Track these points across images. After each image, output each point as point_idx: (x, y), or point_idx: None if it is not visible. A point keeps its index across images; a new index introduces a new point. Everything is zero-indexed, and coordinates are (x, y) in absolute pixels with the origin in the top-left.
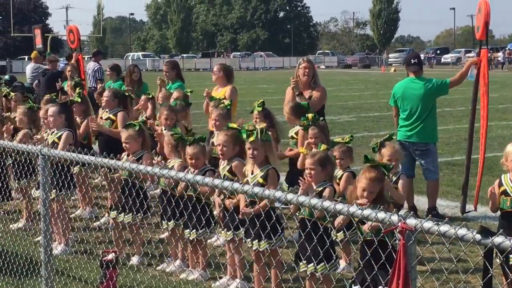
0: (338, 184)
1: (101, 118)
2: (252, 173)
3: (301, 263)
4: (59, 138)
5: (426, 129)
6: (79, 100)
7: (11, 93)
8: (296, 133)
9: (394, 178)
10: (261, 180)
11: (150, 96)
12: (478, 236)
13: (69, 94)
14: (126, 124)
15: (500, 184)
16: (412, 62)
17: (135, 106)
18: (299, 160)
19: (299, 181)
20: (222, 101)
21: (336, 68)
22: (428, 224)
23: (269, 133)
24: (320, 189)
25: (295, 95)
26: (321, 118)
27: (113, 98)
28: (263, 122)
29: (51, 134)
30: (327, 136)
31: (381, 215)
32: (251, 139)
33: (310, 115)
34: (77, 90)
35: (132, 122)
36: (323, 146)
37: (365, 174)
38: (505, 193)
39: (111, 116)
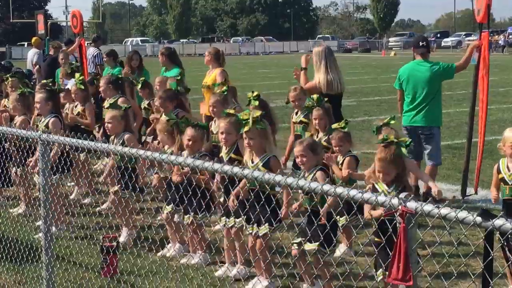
0: (341, 170)
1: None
2: (252, 162)
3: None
4: (47, 125)
5: (430, 113)
6: (82, 87)
7: (9, 78)
8: (305, 117)
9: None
10: (262, 169)
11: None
12: (479, 219)
13: (60, 81)
14: (110, 104)
15: (498, 171)
16: (421, 44)
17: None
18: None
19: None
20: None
21: (336, 52)
22: (428, 207)
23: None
24: (311, 175)
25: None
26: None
27: (108, 86)
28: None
29: (39, 122)
30: (331, 119)
31: (381, 198)
32: (246, 128)
33: (315, 96)
34: (78, 76)
35: (117, 104)
36: (307, 134)
37: (377, 155)
38: (503, 180)
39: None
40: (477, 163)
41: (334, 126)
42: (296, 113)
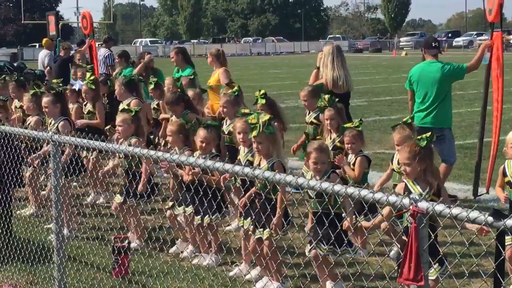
0: (353, 170)
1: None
2: (259, 165)
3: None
4: (57, 128)
5: (441, 114)
6: (93, 87)
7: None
8: (316, 118)
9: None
10: None
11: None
12: (490, 219)
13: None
14: (122, 109)
15: (504, 174)
16: (433, 45)
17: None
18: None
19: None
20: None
21: (347, 52)
22: (439, 207)
23: (275, 124)
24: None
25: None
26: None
27: (121, 88)
28: (268, 113)
29: (50, 125)
30: (344, 119)
31: (393, 198)
32: (254, 133)
33: (326, 97)
34: (89, 76)
35: (128, 108)
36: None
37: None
38: (509, 183)
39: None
40: (490, 163)
41: (347, 125)
42: (308, 113)
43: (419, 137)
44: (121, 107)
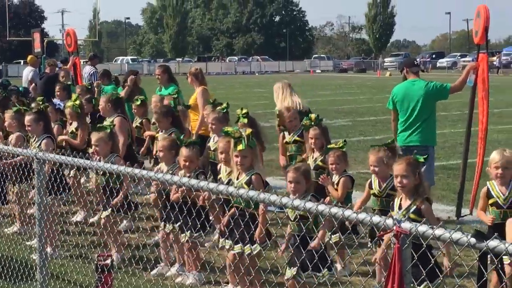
0: (336, 190)
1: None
2: (237, 179)
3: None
4: (39, 146)
5: (426, 132)
6: (79, 111)
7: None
8: (299, 136)
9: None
10: (245, 186)
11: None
12: (473, 240)
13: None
14: (98, 127)
15: (489, 196)
16: (415, 63)
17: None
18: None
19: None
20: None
21: (331, 72)
22: (422, 228)
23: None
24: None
25: None
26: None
27: (107, 105)
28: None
29: (33, 142)
30: (328, 139)
31: (376, 218)
32: (240, 147)
33: (313, 116)
34: (75, 97)
35: (103, 125)
36: (299, 158)
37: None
38: (496, 205)
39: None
40: (475, 184)
41: (332, 145)
42: (289, 133)
43: (416, 153)
44: (105, 123)
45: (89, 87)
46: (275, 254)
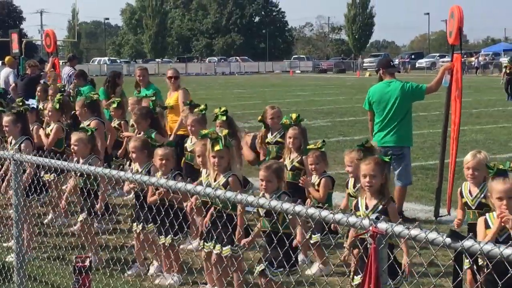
0: (318, 191)
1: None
2: (215, 180)
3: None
4: (19, 148)
5: (401, 133)
6: (57, 106)
7: None
8: (282, 137)
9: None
10: (222, 188)
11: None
12: (448, 240)
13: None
14: (79, 128)
15: (462, 195)
16: (391, 64)
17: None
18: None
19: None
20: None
21: (311, 73)
22: (398, 228)
23: (232, 141)
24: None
25: None
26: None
27: (83, 108)
28: (226, 129)
29: (11, 144)
30: (306, 140)
31: (352, 219)
32: (217, 147)
33: (293, 115)
34: (58, 96)
35: (84, 127)
36: (273, 153)
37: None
38: (466, 205)
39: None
40: (449, 184)
41: (310, 146)
42: (272, 133)
43: (391, 154)
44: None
45: (62, 88)
46: (253, 255)
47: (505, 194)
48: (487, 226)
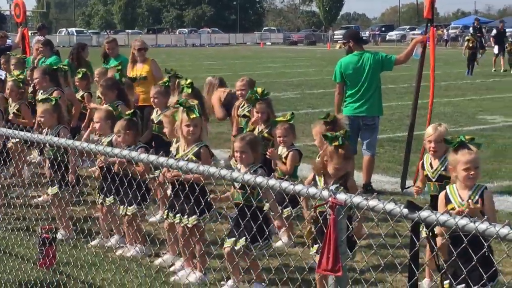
0: (284, 163)
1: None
2: (183, 150)
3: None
4: None
5: (374, 103)
6: (20, 85)
7: None
8: (249, 112)
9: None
10: (193, 158)
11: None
12: (405, 211)
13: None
14: (42, 99)
15: (423, 168)
16: (361, 36)
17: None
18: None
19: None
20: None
21: (282, 45)
22: (357, 199)
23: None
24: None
25: None
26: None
27: (44, 77)
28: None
29: None
30: (273, 112)
31: (312, 190)
32: (193, 116)
33: (259, 89)
34: (17, 74)
35: (48, 97)
36: (250, 127)
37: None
38: (427, 177)
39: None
40: (420, 156)
41: (279, 118)
42: (242, 106)
43: (334, 134)
44: (39, 96)
45: (24, 58)
46: (215, 226)
47: (473, 164)
48: (447, 201)
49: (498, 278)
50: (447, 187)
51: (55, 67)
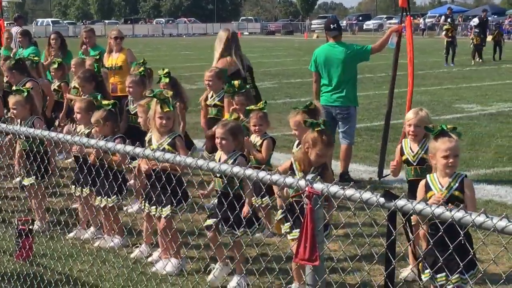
0: (260, 152)
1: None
2: (157, 141)
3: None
4: None
5: (348, 94)
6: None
7: None
8: (220, 100)
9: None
10: (168, 147)
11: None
12: (382, 200)
13: None
14: (15, 90)
15: (402, 153)
16: (332, 27)
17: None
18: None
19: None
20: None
21: (259, 34)
22: (334, 189)
23: (176, 104)
24: (231, 160)
25: None
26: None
27: (11, 73)
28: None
29: None
30: (253, 101)
31: (289, 180)
32: (166, 109)
33: (236, 82)
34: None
35: (20, 88)
36: (234, 115)
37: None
38: (407, 162)
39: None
40: (401, 140)
41: (252, 107)
42: (211, 96)
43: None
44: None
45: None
46: (192, 216)
47: (452, 152)
48: (427, 189)
49: (478, 266)
50: (428, 176)
51: (20, 58)
